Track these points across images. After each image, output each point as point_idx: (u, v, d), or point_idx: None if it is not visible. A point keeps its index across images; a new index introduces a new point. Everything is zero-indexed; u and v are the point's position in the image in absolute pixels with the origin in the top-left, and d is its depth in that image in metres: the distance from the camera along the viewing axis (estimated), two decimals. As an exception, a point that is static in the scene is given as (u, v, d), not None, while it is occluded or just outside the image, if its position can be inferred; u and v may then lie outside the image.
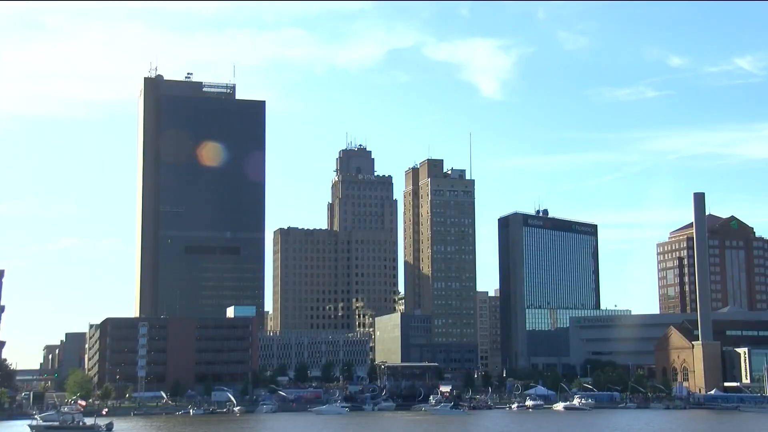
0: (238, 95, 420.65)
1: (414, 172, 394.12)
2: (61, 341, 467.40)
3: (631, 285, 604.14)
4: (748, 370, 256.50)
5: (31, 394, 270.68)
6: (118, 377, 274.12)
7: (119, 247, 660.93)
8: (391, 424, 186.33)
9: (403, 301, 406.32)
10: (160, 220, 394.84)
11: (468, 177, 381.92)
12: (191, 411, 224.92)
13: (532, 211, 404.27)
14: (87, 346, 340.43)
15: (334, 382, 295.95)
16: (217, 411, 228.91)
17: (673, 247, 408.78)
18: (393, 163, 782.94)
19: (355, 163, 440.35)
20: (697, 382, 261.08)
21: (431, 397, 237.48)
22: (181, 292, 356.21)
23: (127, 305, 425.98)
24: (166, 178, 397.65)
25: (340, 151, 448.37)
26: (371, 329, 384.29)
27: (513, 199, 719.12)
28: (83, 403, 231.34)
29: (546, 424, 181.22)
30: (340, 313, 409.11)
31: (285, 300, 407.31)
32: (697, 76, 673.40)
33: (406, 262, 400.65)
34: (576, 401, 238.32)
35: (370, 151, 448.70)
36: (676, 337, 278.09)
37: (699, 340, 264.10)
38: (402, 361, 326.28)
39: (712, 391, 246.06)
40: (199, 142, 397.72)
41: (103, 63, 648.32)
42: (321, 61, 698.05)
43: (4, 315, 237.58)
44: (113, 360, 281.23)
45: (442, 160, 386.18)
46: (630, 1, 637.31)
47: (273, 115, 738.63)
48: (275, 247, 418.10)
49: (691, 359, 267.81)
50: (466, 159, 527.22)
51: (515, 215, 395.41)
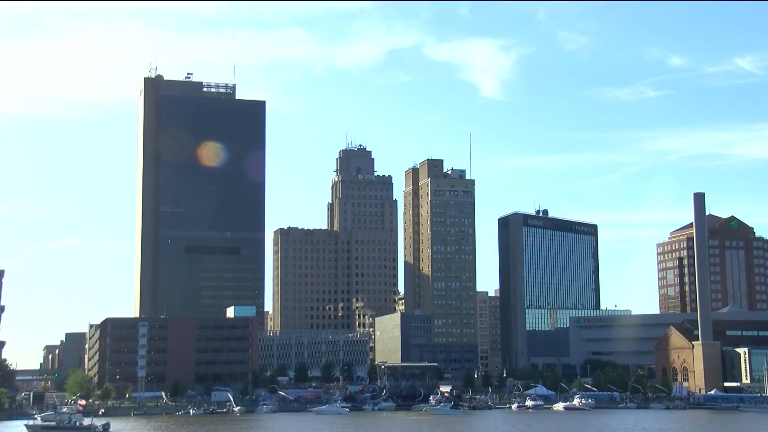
0: (238, 95, 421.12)
1: (414, 172, 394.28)
2: (61, 341, 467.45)
3: (631, 285, 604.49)
4: (748, 370, 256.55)
5: (31, 394, 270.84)
6: (118, 377, 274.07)
7: (119, 247, 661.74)
8: (391, 424, 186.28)
9: (403, 301, 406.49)
10: (160, 220, 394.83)
11: (468, 177, 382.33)
12: (191, 411, 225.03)
13: (532, 211, 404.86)
14: (87, 346, 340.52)
15: (334, 382, 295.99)
16: (217, 411, 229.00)
17: (673, 247, 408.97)
18: (393, 163, 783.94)
19: (355, 163, 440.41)
20: (697, 382, 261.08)
21: (431, 397, 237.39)
22: (181, 292, 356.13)
23: (127, 305, 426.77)
24: (166, 178, 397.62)
25: (340, 151, 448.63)
26: (371, 329, 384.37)
27: (513, 199, 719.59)
28: (83, 403, 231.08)
29: (546, 424, 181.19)
30: (340, 313, 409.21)
31: (285, 300, 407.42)
32: (697, 76, 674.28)
33: (406, 262, 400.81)
34: (576, 401, 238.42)
35: (370, 151, 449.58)
36: (676, 337, 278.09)
37: (699, 340, 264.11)
38: (402, 361, 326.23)
39: (712, 391, 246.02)
40: (199, 142, 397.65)
41: (103, 63, 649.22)
42: (321, 61, 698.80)
43: (4, 315, 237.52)
44: (113, 360, 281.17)
45: (442, 160, 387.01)
46: (630, 1, 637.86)
47: (273, 115, 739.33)
48: (275, 247, 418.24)
49: (691, 359, 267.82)
50: (466, 159, 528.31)
51: (515, 215, 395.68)
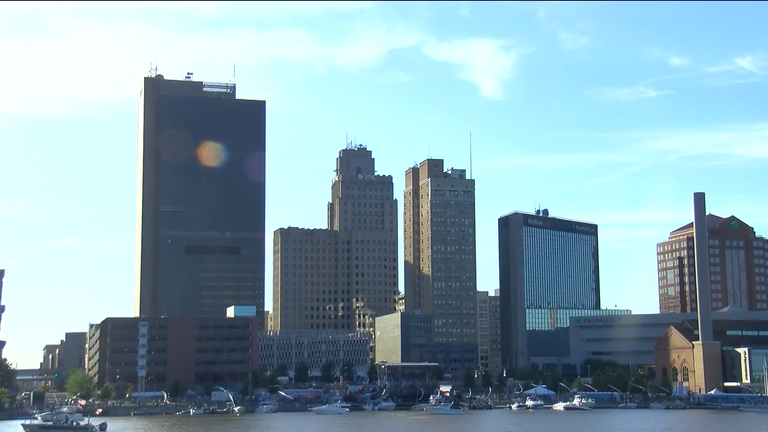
0: (238, 95, 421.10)
1: (414, 172, 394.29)
2: (62, 341, 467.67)
3: (631, 285, 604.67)
4: (748, 370, 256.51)
5: (32, 393, 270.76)
6: (118, 377, 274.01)
7: (119, 246, 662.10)
8: (391, 423, 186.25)
9: (403, 301, 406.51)
10: (160, 220, 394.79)
11: (468, 177, 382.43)
12: (191, 411, 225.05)
13: (533, 211, 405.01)
14: (87, 345, 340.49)
15: (334, 382, 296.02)
16: (217, 411, 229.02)
17: (674, 247, 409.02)
18: (393, 163, 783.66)
19: (355, 163, 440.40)
20: (697, 382, 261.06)
21: (431, 397, 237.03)
22: (181, 292, 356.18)
23: (127, 305, 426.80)
24: (166, 177, 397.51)
25: (340, 151, 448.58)
26: (371, 329, 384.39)
27: (513, 199, 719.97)
28: (83, 402, 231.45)
29: (546, 424, 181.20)
30: (340, 313, 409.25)
31: (285, 300, 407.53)
32: (697, 76, 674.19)
33: (406, 262, 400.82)
34: (576, 401, 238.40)
35: (371, 151, 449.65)
36: (677, 337, 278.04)
37: (699, 340, 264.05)
38: (402, 360, 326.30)
39: (712, 391, 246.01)
40: (199, 141, 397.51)
41: (103, 63, 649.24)
42: (321, 61, 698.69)
43: (4, 315, 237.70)
44: (113, 360, 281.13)
45: (443, 160, 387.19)
46: (630, 1, 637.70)
47: (273, 115, 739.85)
48: (275, 247, 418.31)
49: (691, 359, 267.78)
50: (467, 159, 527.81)
51: (515, 215, 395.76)
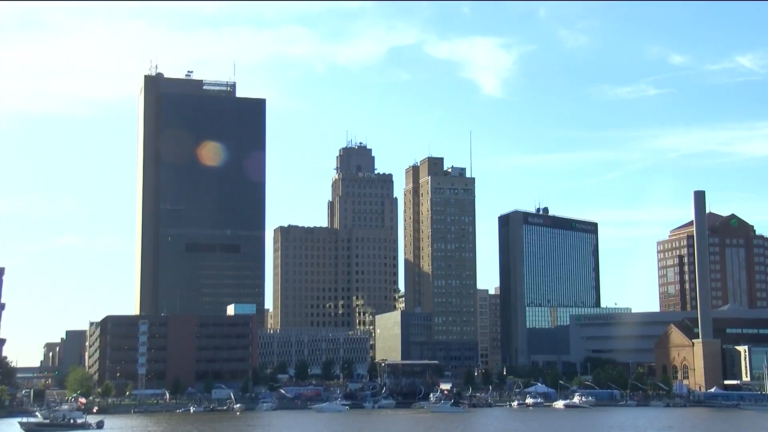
0: (239, 93, 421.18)
1: (414, 170, 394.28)
2: (62, 339, 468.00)
3: (631, 283, 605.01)
4: (748, 368, 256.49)
5: (32, 391, 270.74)
6: (118, 375, 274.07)
7: (120, 244, 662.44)
8: (391, 421, 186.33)
9: (403, 299, 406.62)
10: (160, 218, 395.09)
11: (468, 175, 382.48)
12: (192, 408, 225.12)
13: (533, 209, 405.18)
14: (87, 343, 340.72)
15: (335, 380, 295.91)
16: (218, 409, 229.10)
17: (674, 245, 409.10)
18: (393, 161, 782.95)
19: (355, 161, 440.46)
20: (697, 379, 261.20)
21: (431, 395, 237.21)
22: (182, 289, 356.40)
23: (128, 303, 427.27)
24: (167, 176, 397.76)
25: (340, 149, 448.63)
26: (371, 327, 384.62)
27: (513, 197, 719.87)
28: (83, 400, 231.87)
29: (546, 422, 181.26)
30: (340, 311, 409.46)
31: (285, 298, 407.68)
32: (698, 74, 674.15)
33: (406, 260, 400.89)
34: (576, 399, 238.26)
35: (371, 149, 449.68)
36: (677, 335, 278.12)
37: (699, 338, 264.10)
38: (402, 358, 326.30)
39: (712, 389, 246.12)
40: (199, 140, 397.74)
41: (103, 61, 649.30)
42: (322, 59, 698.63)
43: (4, 313, 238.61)
44: (113, 357, 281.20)
45: (443, 158, 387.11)
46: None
47: (273, 113, 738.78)
48: (275, 245, 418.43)
49: (691, 357, 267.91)
50: (467, 157, 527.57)
51: (515, 213, 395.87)
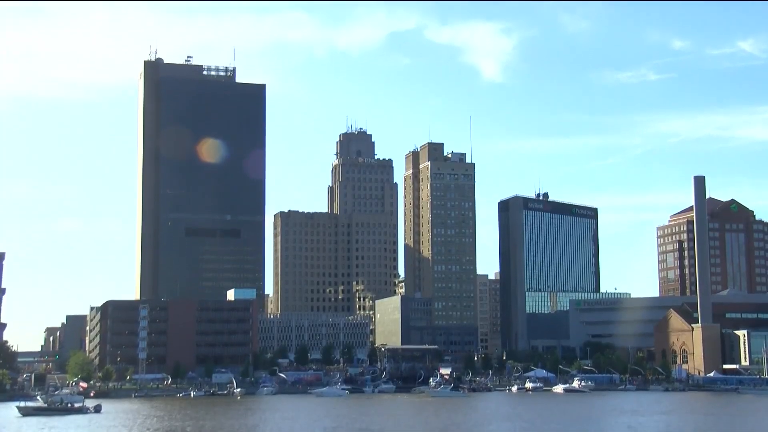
0: (239, 78, 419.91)
1: (414, 156, 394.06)
2: (62, 323, 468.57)
3: (631, 268, 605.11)
4: (747, 352, 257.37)
5: (33, 375, 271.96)
6: (118, 359, 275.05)
7: (120, 229, 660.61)
8: (392, 406, 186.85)
9: (403, 284, 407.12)
10: (160, 203, 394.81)
11: (468, 160, 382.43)
12: (192, 393, 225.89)
13: (533, 195, 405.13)
14: (88, 328, 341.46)
15: (335, 365, 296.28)
16: (218, 393, 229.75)
17: (674, 231, 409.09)
18: (393, 146, 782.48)
19: (355, 147, 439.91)
20: (696, 364, 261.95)
21: (431, 380, 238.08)
22: (182, 274, 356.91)
23: (128, 288, 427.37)
24: (167, 161, 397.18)
25: (340, 135, 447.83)
26: (371, 312, 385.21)
27: (513, 182, 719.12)
28: (84, 384, 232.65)
29: (546, 406, 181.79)
30: (340, 296, 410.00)
31: (285, 283, 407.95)
32: (699, 58, 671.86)
33: (406, 245, 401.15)
34: (575, 383, 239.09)
35: (371, 135, 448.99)
36: (676, 320, 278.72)
37: (698, 322, 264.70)
38: (402, 343, 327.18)
39: (711, 374, 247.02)
40: (199, 126, 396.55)
41: (103, 46, 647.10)
42: (322, 44, 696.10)
43: (5, 297, 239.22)
44: (114, 342, 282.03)
45: (443, 144, 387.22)
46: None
47: (273, 99, 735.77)
48: (275, 230, 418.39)
49: (690, 342, 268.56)
50: (467, 142, 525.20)
51: (515, 198, 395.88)
